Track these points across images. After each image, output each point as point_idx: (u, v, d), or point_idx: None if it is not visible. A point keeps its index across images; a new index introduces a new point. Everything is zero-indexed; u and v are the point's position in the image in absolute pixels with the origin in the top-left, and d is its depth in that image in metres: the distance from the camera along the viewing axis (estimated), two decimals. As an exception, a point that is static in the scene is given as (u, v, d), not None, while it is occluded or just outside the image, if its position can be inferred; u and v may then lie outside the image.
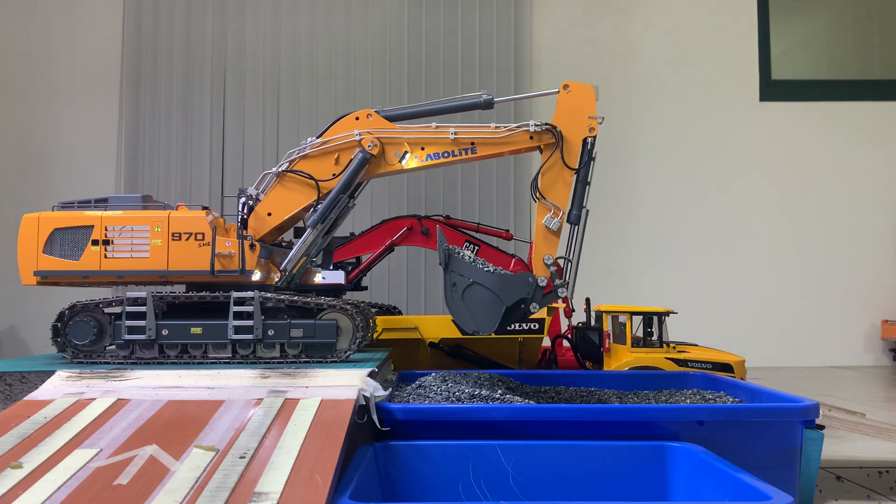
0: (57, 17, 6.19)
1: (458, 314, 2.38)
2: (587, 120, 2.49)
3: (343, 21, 6.11)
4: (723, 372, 3.04)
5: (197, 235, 2.47)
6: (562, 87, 2.53)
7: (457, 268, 2.34)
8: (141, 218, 2.47)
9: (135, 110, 6.02)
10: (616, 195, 6.17)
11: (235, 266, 2.45)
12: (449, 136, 2.53)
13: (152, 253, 2.44)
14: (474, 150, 2.56)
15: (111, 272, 2.45)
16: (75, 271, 2.44)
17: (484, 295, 2.32)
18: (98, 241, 2.44)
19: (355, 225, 5.72)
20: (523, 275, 2.38)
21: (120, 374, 2.14)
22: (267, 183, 2.65)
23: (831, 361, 6.09)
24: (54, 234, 2.45)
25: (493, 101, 2.63)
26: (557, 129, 2.49)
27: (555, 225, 2.49)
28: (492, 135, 2.55)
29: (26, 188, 6.02)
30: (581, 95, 2.51)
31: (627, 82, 6.26)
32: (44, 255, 2.45)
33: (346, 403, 1.82)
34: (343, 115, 2.64)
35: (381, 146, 2.57)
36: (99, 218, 2.46)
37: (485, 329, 2.33)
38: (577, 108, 2.51)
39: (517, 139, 2.56)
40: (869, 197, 6.23)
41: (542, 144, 2.53)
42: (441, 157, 2.55)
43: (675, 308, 3.35)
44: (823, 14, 6.57)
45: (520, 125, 2.54)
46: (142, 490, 1.37)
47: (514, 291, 2.34)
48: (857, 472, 2.45)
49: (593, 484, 1.78)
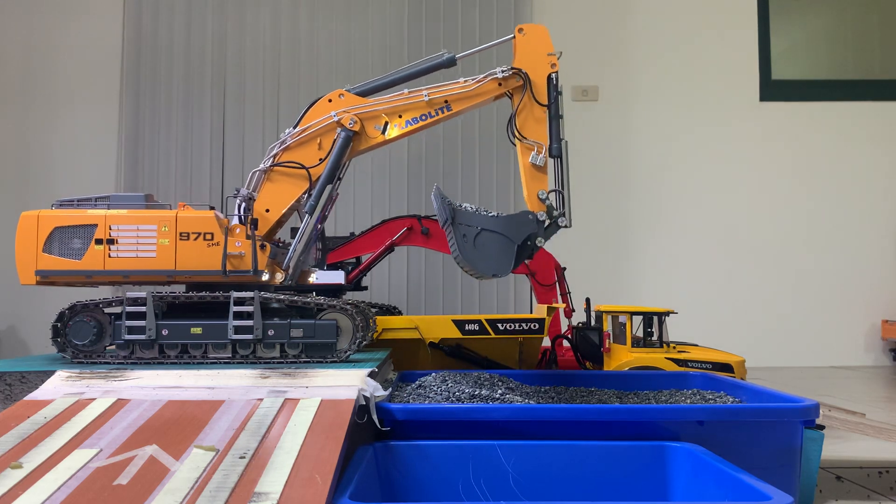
0: (57, 17, 6.19)
1: (474, 263, 2.43)
2: (547, 58, 2.63)
3: (343, 21, 6.11)
4: (723, 372, 3.04)
5: (206, 235, 2.46)
6: (517, 31, 2.65)
7: (464, 219, 2.42)
8: (147, 217, 2.44)
9: (135, 110, 6.02)
10: (616, 195, 6.18)
11: (247, 266, 2.46)
12: (423, 98, 2.61)
13: (159, 252, 2.42)
14: (449, 108, 2.65)
15: (116, 272, 2.41)
16: (78, 271, 2.40)
17: (494, 239, 2.43)
18: (102, 241, 2.40)
19: (355, 225, 5.73)
20: (524, 213, 2.51)
21: (120, 374, 2.14)
22: (256, 181, 2.65)
23: (831, 361, 6.09)
24: (55, 233, 2.41)
25: (455, 58, 2.70)
26: (523, 71, 2.62)
27: (540, 161, 2.61)
28: (463, 89, 2.64)
29: (26, 188, 6.02)
30: (537, 35, 2.65)
31: (627, 82, 6.26)
32: (44, 253, 2.40)
33: (346, 403, 1.82)
34: (314, 101, 2.67)
35: (360, 122, 2.62)
36: (103, 216, 2.43)
37: (503, 271, 2.44)
38: (535, 48, 2.64)
39: (487, 88, 2.65)
40: (869, 197, 6.23)
41: (510, 90, 2.66)
42: (420, 120, 2.63)
43: (675, 308, 3.35)
44: (823, 14, 6.57)
45: (487, 74, 2.63)
46: (142, 490, 1.37)
47: (521, 230, 2.47)
48: (857, 472, 2.45)
49: (593, 484, 1.78)
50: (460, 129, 6.02)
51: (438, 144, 6.03)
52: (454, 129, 6.03)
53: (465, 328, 3.26)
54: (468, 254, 2.43)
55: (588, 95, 6.24)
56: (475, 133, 6.05)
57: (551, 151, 2.64)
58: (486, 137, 6.05)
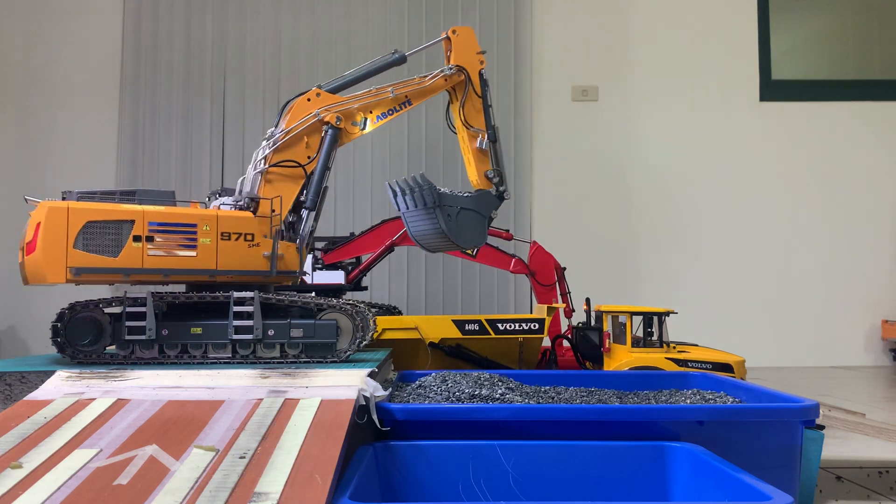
0: (57, 17, 6.19)
1: (459, 238, 2.87)
2: (477, 55, 3.04)
3: (343, 21, 6.11)
4: (723, 372, 3.04)
5: (246, 236, 2.47)
6: (451, 33, 3.03)
7: (447, 201, 2.82)
8: (189, 215, 2.40)
9: (135, 110, 6.02)
10: (615, 195, 6.18)
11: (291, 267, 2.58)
12: (389, 95, 2.86)
13: (200, 251, 2.39)
14: (409, 102, 2.94)
15: (155, 270, 2.32)
16: (115, 269, 2.27)
17: (471, 215, 2.90)
18: (140, 238, 2.30)
19: (355, 225, 5.73)
20: (485, 192, 2.97)
21: (120, 374, 2.14)
22: (253, 183, 2.67)
23: (831, 361, 6.09)
24: (88, 228, 2.25)
25: (405, 56, 3.02)
26: (464, 68, 2.99)
27: (485, 145, 3.01)
28: (419, 85, 2.94)
29: (26, 188, 6.02)
30: (468, 36, 3.05)
31: (627, 82, 6.26)
32: (75, 249, 2.23)
33: (346, 403, 1.82)
34: (290, 101, 2.78)
35: (343, 119, 2.79)
36: (140, 212, 2.32)
37: (481, 241, 2.99)
38: (468, 47, 3.03)
39: (437, 84, 2.97)
40: (869, 197, 6.23)
41: (454, 85, 3.01)
42: (388, 114, 2.89)
43: (675, 308, 3.35)
44: (823, 14, 6.57)
45: (438, 72, 2.97)
46: (142, 490, 1.37)
47: (488, 205, 2.97)
48: (857, 472, 2.45)
49: (593, 484, 1.78)
50: (460, 129, 6.01)
51: (439, 144, 6.03)
52: (454, 129, 6.03)
53: (465, 328, 3.26)
54: (454, 231, 2.85)
55: (588, 95, 6.24)
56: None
57: (490, 136, 3.01)
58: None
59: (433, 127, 6.03)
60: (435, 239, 2.91)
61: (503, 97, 6.06)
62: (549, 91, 6.22)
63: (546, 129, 6.20)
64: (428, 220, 2.84)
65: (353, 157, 6.02)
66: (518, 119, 6.06)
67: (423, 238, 2.96)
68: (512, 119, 6.05)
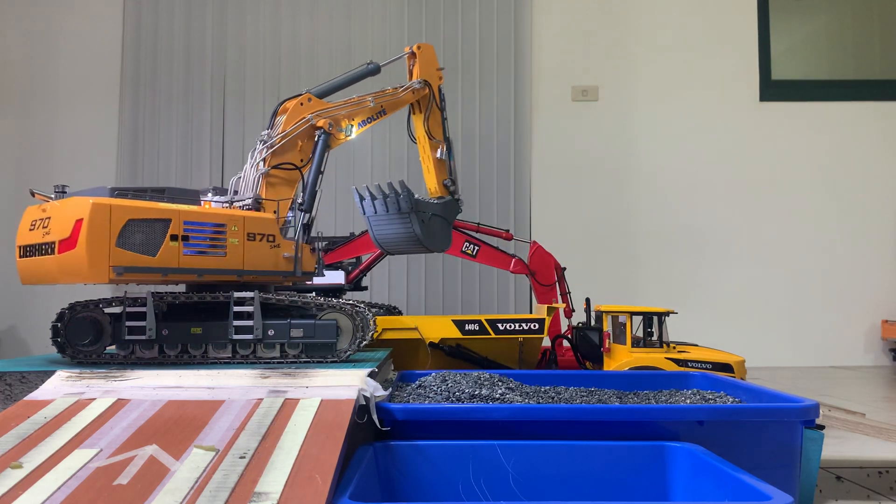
0: (57, 17, 6.19)
1: (431, 242, 3.04)
2: (437, 71, 3.23)
3: (343, 21, 6.11)
4: (723, 372, 3.04)
5: (269, 237, 2.50)
6: (416, 49, 3.17)
7: (421, 207, 2.98)
8: (219, 215, 2.41)
9: (135, 110, 6.02)
10: (615, 194, 6.18)
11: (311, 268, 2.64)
12: (370, 104, 2.97)
13: (230, 252, 2.40)
14: (384, 112, 3.06)
15: (190, 270, 2.31)
16: (154, 268, 2.24)
17: (440, 221, 3.09)
18: (177, 237, 2.28)
19: (355, 225, 5.73)
20: (451, 200, 3.17)
21: (120, 374, 2.14)
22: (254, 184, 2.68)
23: (831, 361, 6.09)
24: (129, 226, 2.20)
25: (379, 67, 3.14)
26: (429, 83, 3.16)
27: (444, 155, 3.19)
28: (393, 97, 3.06)
29: (26, 187, 6.02)
30: (430, 53, 3.22)
31: (627, 82, 6.26)
32: (117, 248, 2.17)
33: (346, 403, 1.81)
34: (282, 103, 2.84)
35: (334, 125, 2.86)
36: (177, 211, 2.31)
37: (448, 245, 3.16)
38: (430, 63, 3.20)
39: (407, 96, 3.12)
40: (869, 197, 6.23)
41: (419, 98, 3.17)
42: (367, 122, 3.00)
43: (675, 308, 3.35)
44: (823, 14, 6.57)
45: (407, 85, 3.12)
46: (142, 490, 1.37)
47: (454, 212, 3.18)
48: (857, 472, 2.45)
49: (593, 484, 1.78)
50: (460, 130, 6.02)
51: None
52: (454, 130, 6.03)
53: (465, 328, 3.26)
54: (426, 235, 3.01)
55: (588, 95, 6.24)
56: (475, 133, 6.05)
57: (447, 147, 3.21)
58: (487, 138, 6.05)
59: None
60: (403, 243, 3.06)
61: (503, 97, 6.06)
62: (549, 91, 6.22)
63: (546, 129, 6.20)
64: (399, 225, 2.98)
65: (353, 157, 6.02)
66: (518, 119, 6.06)
67: (388, 242, 3.10)
68: (512, 119, 6.05)
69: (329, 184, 5.85)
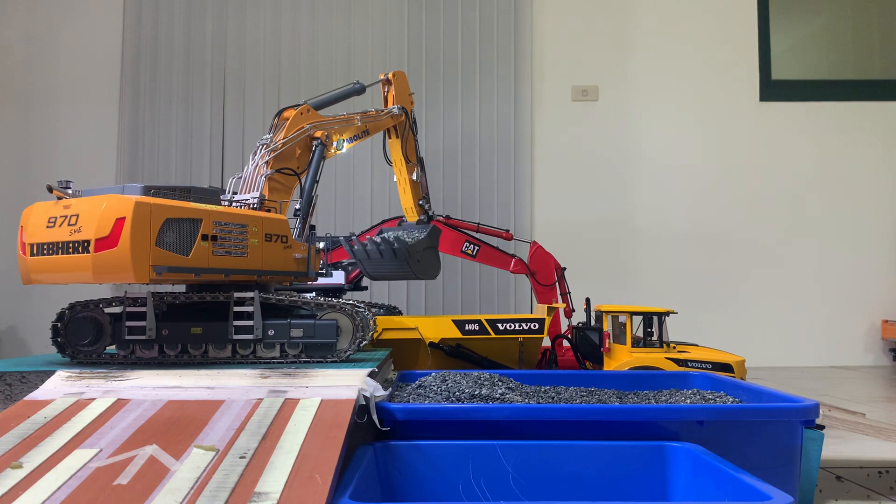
0: (57, 17, 6.19)
1: (424, 274, 3.24)
2: (409, 96, 3.39)
3: (343, 21, 6.11)
4: (723, 372, 3.04)
5: (282, 238, 2.54)
6: (391, 76, 3.35)
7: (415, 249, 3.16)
8: (242, 216, 2.43)
9: (135, 110, 6.02)
10: (615, 194, 6.18)
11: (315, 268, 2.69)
12: (357, 122, 3.08)
13: (250, 252, 2.43)
14: (368, 132, 3.16)
15: (219, 269, 2.32)
16: (188, 268, 2.23)
17: (431, 252, 3.28)
18: (208, 237, 2.28)
19: (355, 225, 5.73)
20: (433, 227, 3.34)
21: (120, 374, 2.14)
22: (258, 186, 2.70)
23: (831, 361, 6.10)
24: (167, 225, 2.18)
25: (364, 87, 3.28)
26: (405, 109, 3.32)
27: (418, 176, 3.38)
28: (375, 119, 3.18)
29: (26, 187, 6.03)
30: (403, 80, 3.40)
31: (627, 82, 6.27)
32: (156, 247, 2.14)
33: (346, 403, 1.81)
34: (282, 110, 2.88)
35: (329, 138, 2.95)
36: (207, 211, 2.30)
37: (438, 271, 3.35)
38: (404, 89, 3.38)
39: (387, 121, 3.27)
40: (869, 197, 6.24)
41: (397, 123, 3.32)
42: (353, 140, 3.10)
43: (675, 308, 3.35)
44: (823, 14, 6.58)
45: (387, 111, 3.29)
46: (142, 490, 1.37)
47: (437, 237, 3.35)
48: (857, 472, 2.46)
49: (593, 484, 1.78)
50: (460, 130, 6.02)
51: (439, 144, 6.03)
52: (454, 130, 6.03)
53: (465, 328, 3.26)
54: (420, 270, 3.22)
55: (588, 95, 6.24)
56: (476, 133, 6.05)
57: (420, 168, 3.40)
58: (487, 138, 6.05)
59: (432, 132, 6.04)
60: (393, 275, 3.26)
61: (503, 97, 6.07)
62: (549, 91, 6.22)
63: (546, 129, 6.20)
64: (394, 266, 3.19)
65: (353, 157, 6.02)
66: (518, 119, 6.07)
67: (380, 276, 3.31)
68: (512, 119, 6.05)
69: (329, 185, 5.86)
